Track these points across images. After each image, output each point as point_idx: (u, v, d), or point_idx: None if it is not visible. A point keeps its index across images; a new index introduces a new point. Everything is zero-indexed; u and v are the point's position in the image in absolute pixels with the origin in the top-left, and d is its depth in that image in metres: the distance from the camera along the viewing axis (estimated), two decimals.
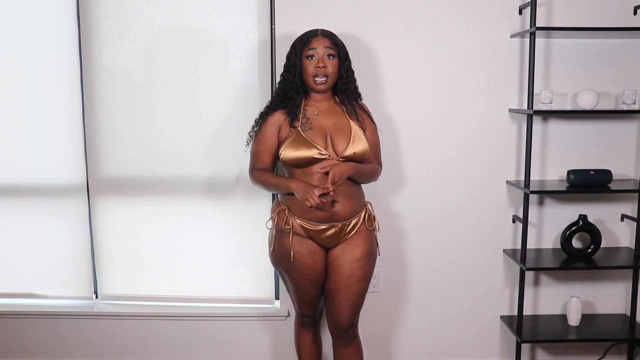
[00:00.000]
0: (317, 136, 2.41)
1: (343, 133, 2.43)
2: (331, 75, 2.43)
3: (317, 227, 2.43)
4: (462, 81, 2.91)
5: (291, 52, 2.47)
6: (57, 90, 3.01)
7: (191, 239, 3.10)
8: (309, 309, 2.62)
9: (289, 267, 2.48)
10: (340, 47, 2.46)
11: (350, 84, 2.50)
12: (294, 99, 2.46)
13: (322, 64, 2.40)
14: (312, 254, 2.46)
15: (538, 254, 2.97)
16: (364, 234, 2.49)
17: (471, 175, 2.99)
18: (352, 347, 2.57)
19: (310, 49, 2.41)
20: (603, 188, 2.81)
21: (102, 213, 3.10)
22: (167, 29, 2.94)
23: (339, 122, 2.45)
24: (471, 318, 3.11)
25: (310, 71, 2.41)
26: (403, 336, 3.13)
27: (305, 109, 2.48)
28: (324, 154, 2.38)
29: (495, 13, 2.87)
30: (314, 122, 2.44)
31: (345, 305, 2.48)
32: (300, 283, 2.51)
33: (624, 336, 2.91)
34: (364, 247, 2.48)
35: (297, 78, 2.44)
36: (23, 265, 3.17)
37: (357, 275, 2.47)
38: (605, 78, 2.92)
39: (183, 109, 3.00)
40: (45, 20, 2.96)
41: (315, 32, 2.45)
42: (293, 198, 2.42)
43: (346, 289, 2.47)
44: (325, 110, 2.48)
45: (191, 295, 3.14)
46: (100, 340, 3.14)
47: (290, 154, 2.39)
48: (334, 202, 2.39)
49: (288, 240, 2.45)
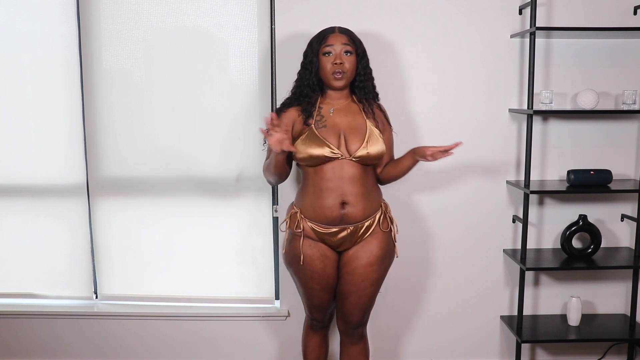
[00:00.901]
0: (330, 134, 2.36)
1: (358, 133, 2.37)
2: (348, 72, 2.37)
3: (328, 230, 2.39)
4: (462, 81, 2.91)
5: (308, 49, 2.42)
6: (57, 90, 3.01)
7: (191, 239, 3.10)
8: (318, 313, 2.58)
9: (299, 270, 2.46)
10: (357, 44, 2.41)
11: (368, 81, 2.44)
12: (310, 96, 2.41)
13: (339, 61, 2.34)
14: (322, 257, 2.42)
15: (538, 254, 2.97)
16: (378, 236, 2.43)
17: (471, 175, 2.99)
18: (359, 345, 2.58)
19: (328, 45, 2.36)
20: (603, 188, 2.81)
21: (102, 213, 3.10)
22: (167, 29, 2.94)
23: (354, 121, 2.40)
24: (471, 318, 3.11)
25: (328, 68, 2.36)
26: (403, 336, 3.13)
27: (321, 107, 2.42)
28: (336, 152, 2.33)
29: (495, 13, 2.87)
30: (328, 120, 2.39)
31: (356, 307, 2.48)
32: (310, 287, 2.48)
33: (624, 336, 2.91)
34: (379, 250, 2.42)
35: (313, 75, 2.39)
36: (23, 265, 3.17)
37: (370, 279, 2.43)
38: (605, 78, 2.92)
39: (183, 109, 3.00)
40: (45, 21, 2.96)
41: (333, 29, 2.41)
42: (305, 200, 2.40)
43: (358, 292, 2.44)
44: (341, 109, 2.43)
45: (191, 295, 3.14)
46: (100, 340, 3.14)
47: (302, 150, 2.34)
48: (344, 204, 2.35)
49: (299, 243, 2.42)
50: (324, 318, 2.63)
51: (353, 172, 2.35)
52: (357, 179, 2.35)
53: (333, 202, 2.34)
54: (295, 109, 2.44)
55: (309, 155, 2.33)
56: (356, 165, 2.35)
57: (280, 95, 2.89)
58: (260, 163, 3.00)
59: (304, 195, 2.43)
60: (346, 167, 2.34)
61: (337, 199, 2.34)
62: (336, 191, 2.34)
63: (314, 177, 2.38)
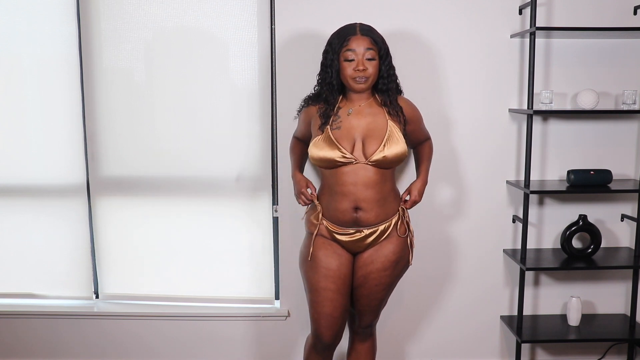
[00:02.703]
0: (344, 137, 2.29)
1: (376, 135, 2.28)
2: (371, 76, 2.28)
3: (341, 230, 2.36)
4: (462, 81, 2.91)
5: (328, 49, 2.31)
6: (57, 90, 3.01)
7: (191, 239, 3.10)
8: (326, 328, 2.36)
9: (311, 268, 2.38)
10: (380, 44, 2.28)
11: (392, 83, 2.34)
12: (328, 99, 2.34)
13: (362, 67, 2.24)
14: (337, 256, 2.36)
15: (538, 254, 2.97)
16: (394, 241, 2.37)
17: (471, 175, 2.99)
18: (367, 343, 2.60)
19: (349, 50, 2.24)
20: (603, 188, 2.81)
21: (102, 213, 3.10)
22: (167, 29, 2.94)
23: (374, 122, 2.30)
24: (471, 318, 3.11)
25: (349, 73, 2.26)
26: (403, 336, 3.13)
27: (340, 107, 2.35)
28: (348, 157, 2.26)
29: (495, 13, 2.87)
30: (344, 122, 2.31)
31: (367, 310, 2.48)
32: (324, 287, 2.34)
33: (624, 336, 2.91)
34: (393, 254, 2.37)
35: (333, 78, 2.30)
36: (23, 265, 3.17)
37: (383, 283, 2.40)
38: (605, 78, 2.92)
39: (183, 109, 3.00)
40: (45, 21, 2.96)
41: (354, 30, 2.27)
42: (322, 200, 2.38)
43: (370, 296, 2.42)
44: (361, 110, 2.34)
45: (191, 295, 3.14)
46: (101, 340, 3.14)
47: (314, 152, 2.30)
48: (357, 208, 2.31)
49: (311, 240, 2.39)
50: (330, 339, 2.40)
51: (369, 177, 2.28)
52: (372, 184, 2.29)
53: (346, 206, 2.31)
54: (315, 107, 2.41)
55: (320, 158, 2.30)
56: (373, 169, 2.28)
57: (280, 95, 2.90)
58: (260, 163, 3.01)
59: (321, 195, 2.41)
60: (361, 172, 2.28)
61: (350, 203, 2.30)
62: (349, 196, 2.30)
63: (329, 179, 2.34)
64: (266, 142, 2.99)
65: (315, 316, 2.39)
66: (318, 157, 2.30)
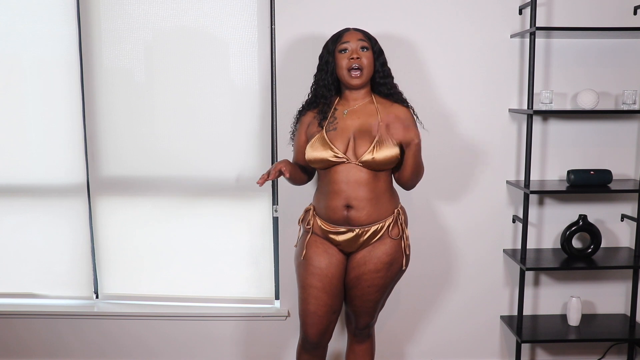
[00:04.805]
0: (339, 138, 2.32)
1: (368, 136, 2.30)
2: (366, 68, 2.32)
3: (333, 229, 2.37)
4: (462, 81, 2.91)
5: (324, 51, 2.39)
6: (57, 90, 3.01)
7: (191, 239, 3.10)
8: (311, 326, 2.37)
9: (300, 265, 2.41)
10: (373, 41, 2.38)
11: (388, 77, 2.40)
12: (326, 97, 2.38)
13: (356, 55, 2.30)
14: (328, 255, 2.37)
15: (538, 254, 2.97)
16: (388, 242, 2.36)
17: (471, 175, 2.99)
18: (365, 344, 2.60)
19: (343, 42, 2.33)
20: (603, 188, 2.81)
21: (103, 213, 3.10)
22: (167, 29, 2.94)
23: (367, 123, 2.32)
24: (471, 318, 3.11)
25: (344, 64, 2.32)
26: (403, 336, 3.13)
27: (336, 109, 2.39)
28: (340, 157, 2.29)
29: (495, 13, 2.87)
30: (339, 123, 2.35)
31: (362, 311, 2.47)
32: (309, 284, 2.36)
33: (624, 336, 2.91)
34: (386, 256, 2.36)
35: (329, 75, 2.36)
36: (23, 265, 3.17)
37: (376, 285, 2.39)
38: (605, 78, 2.92)
39: (183, 109, 3.00)
40: (45, 21, 2.96)
41: (347, 28, 2.40)
42: (319, 198, 2.40)
43: (363, 298, 2.41)
44: (356, 110, 2.37)
45: (191, 295, 3.15)
46: (101, 340, 3.14)
47: (310, 153, 2.33)
48: (348, 207, 2.32)
49: (305, 238, 2.42)
50: (315, 333, 2.38)
51: (360, 176, 2.30)
52: (364, 183, 2.30)
53: (337, 204, 2.33)
54: (312, 112, 2.44)
55: (314, 158, 2.33)
56: (364, 170, 2.30)
57: (280, 95, 2.90)
58: (260, 163, 3.01)
59: (316, 194, 2.44)
60: (353, 171, 2.30)
61: (341, 201, 2.32)
62: (341, 194, 2.32)
63: (324, 179, 2.37)
64: (266, 142, 2.99)
65: (300, 313, 2.42)
66: (313, 158, 2.33)
